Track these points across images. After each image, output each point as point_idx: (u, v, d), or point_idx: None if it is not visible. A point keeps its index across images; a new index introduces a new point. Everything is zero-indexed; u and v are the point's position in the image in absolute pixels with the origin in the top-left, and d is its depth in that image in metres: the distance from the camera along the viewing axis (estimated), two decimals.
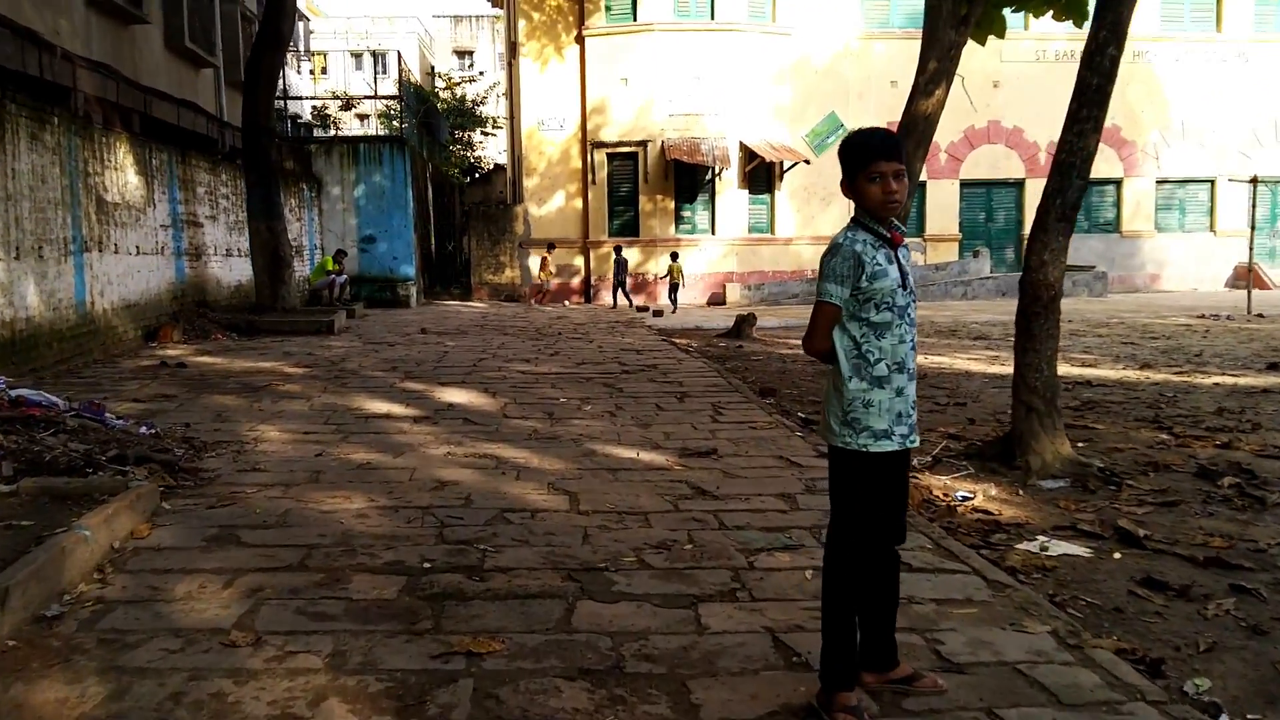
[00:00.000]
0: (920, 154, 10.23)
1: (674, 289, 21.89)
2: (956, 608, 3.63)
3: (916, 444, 2.99)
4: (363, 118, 40.44)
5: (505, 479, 5.52)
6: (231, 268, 16.16)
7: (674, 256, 22.14)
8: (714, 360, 11.60)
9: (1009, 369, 11.43)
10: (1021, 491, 5.60)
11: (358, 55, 48.62)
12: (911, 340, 2.91)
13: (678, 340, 14.23)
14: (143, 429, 6.45)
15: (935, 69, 10.12)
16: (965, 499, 5.47)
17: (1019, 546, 4.59)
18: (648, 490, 5.31)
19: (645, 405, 8.11)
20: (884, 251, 2.86)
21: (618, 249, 22.66)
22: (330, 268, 18.22)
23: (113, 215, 11.68)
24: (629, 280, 22.99)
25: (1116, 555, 4.44)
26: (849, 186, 2.90)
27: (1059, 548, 4.58)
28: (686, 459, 6.10)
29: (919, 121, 10.22)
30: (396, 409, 7.84)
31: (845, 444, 2.88)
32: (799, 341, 3.32)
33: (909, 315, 2.90)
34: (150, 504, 4.76)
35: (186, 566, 3.99)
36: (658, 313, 19.34)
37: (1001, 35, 10.61)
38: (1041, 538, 4.72)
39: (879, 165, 2.81)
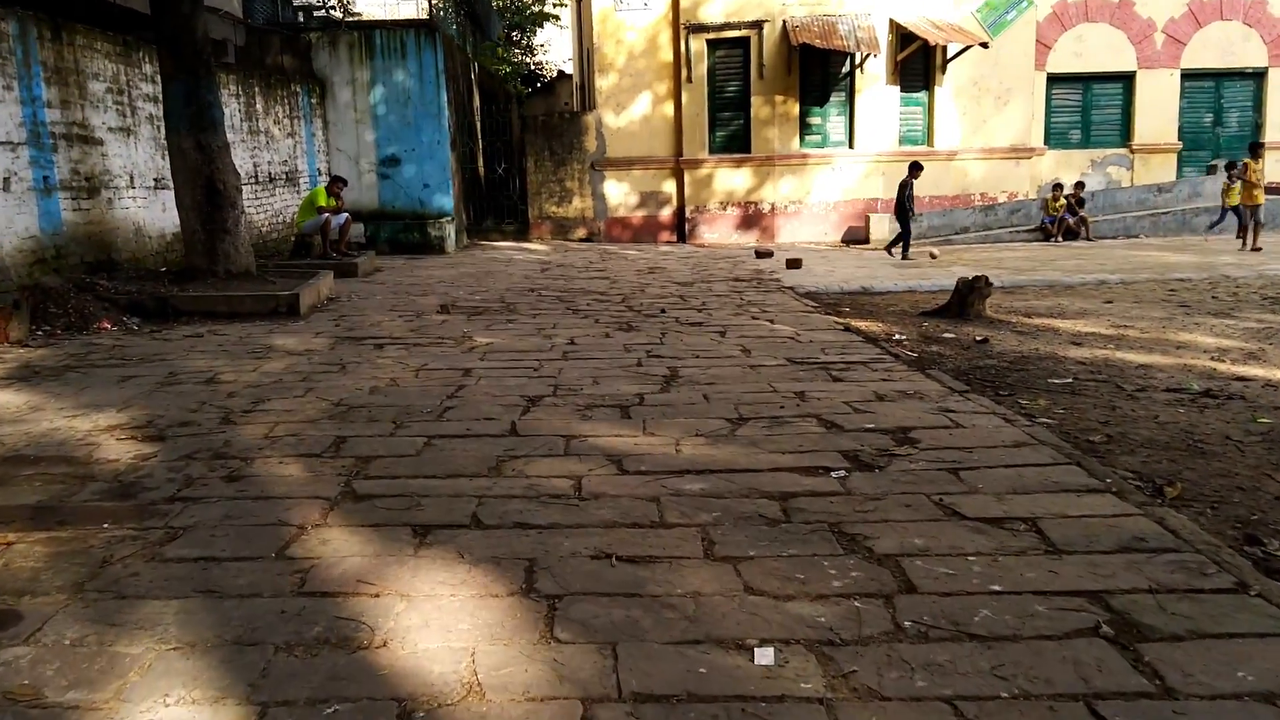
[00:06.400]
0: None
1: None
2: None
3: None
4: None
5: None
6: (165, 205, 10.74)
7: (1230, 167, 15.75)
8: (982, 386, 5.87)
9: None
10: None
11: None
12: None
13: (863, 326, 8.47)
14: None
15: None
16: None
17: None
18: None
19: None
20: None
21: (915, 165, 15.14)
22: (323, 203, 12.60)
23: None
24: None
25: None
26: None
27: None
28: None
29: None
30: None
31: None
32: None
33: None
34: None
35: None
36: (793, 262, 13.45)
37: None
38: None
39: None
